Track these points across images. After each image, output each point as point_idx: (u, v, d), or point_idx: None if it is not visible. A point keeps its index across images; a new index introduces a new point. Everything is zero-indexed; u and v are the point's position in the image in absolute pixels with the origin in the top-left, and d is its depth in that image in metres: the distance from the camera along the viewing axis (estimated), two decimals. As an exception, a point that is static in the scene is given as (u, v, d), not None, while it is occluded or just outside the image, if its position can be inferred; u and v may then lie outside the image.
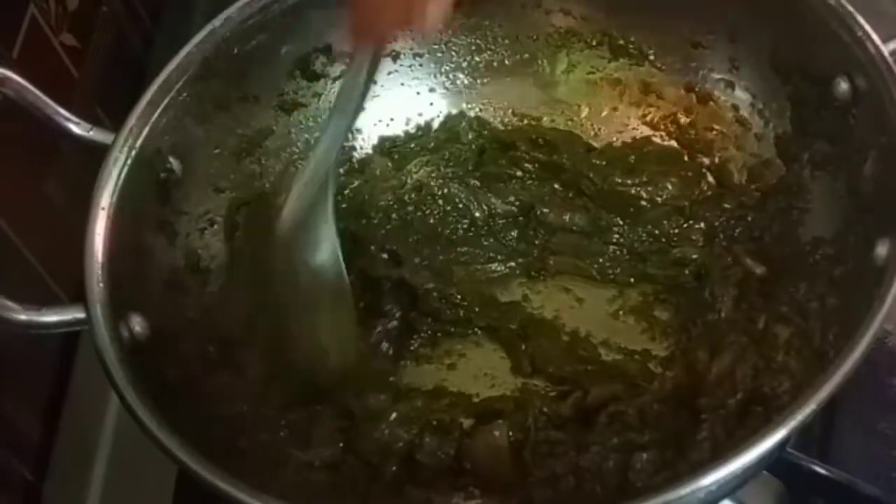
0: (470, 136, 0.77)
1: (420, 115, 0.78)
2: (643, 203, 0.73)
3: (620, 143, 0.76)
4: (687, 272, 0.69)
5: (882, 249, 0.55)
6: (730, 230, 0.70)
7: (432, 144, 0.77)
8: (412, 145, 0.77)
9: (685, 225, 0.71)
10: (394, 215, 0.73)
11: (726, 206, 0.71)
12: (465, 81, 0.78)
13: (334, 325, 0.65)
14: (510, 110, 0.78)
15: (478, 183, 0.75)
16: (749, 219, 0.70)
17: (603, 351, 0.68)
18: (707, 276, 0.68)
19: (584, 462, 0.59)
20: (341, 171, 0.74)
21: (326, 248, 0.62)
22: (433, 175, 0.75)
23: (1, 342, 0.66)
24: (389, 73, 0.76)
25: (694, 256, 0.70)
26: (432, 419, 0.63)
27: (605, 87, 0.76)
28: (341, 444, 0.63)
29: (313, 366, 0.65)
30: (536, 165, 0.75)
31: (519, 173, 0.75)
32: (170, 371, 0.60)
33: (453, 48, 0.77)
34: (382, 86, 0.76)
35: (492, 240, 0.73)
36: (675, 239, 0.71)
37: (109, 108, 0.84)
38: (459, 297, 0.70)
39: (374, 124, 0.77)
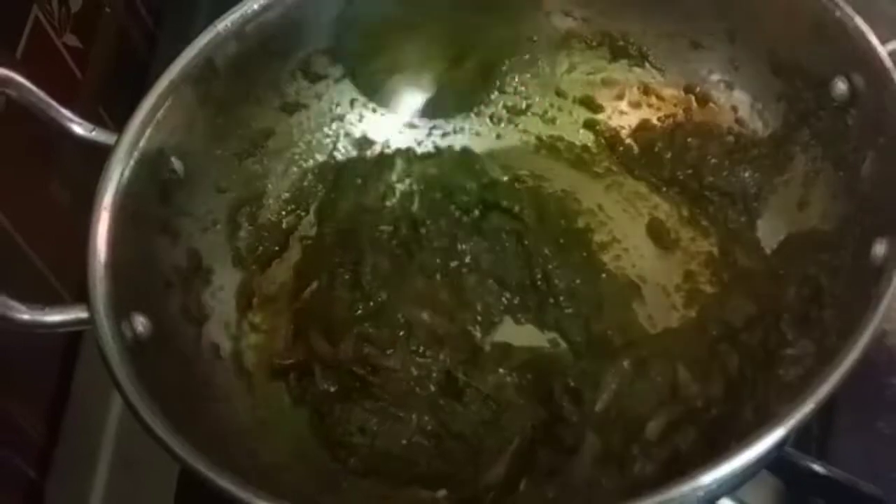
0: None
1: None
2: None
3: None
4: None
5: (880, 249, 0.55)
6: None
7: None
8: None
9: None
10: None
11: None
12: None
13: None
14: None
15: None
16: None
17: None
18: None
19: None
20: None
21: None
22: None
23: (4, 342, 0.66)
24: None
25: None
26: None
27: (604, 88, 0.76)
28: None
29: None
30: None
31: None
32: (172, 370, 0.60)
33: (452, 49, 0.76)
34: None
35: None
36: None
37: (112, 108, 0.85)
38: None
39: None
